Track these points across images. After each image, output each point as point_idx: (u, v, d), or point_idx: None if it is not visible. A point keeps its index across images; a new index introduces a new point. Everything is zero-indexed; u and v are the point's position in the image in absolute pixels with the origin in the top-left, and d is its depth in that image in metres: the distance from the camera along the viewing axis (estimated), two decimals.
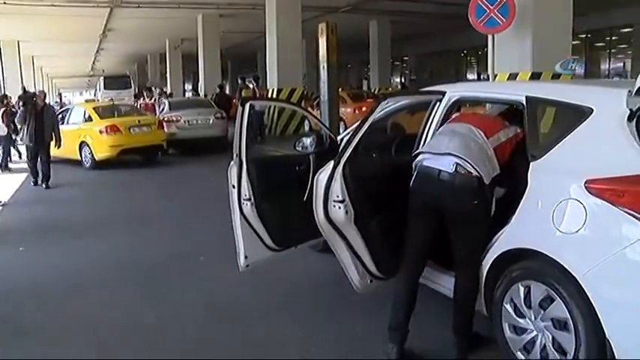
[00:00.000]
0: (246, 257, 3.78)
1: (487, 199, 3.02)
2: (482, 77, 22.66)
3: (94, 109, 12.20)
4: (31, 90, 15.47)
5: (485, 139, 3.06)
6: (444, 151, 3.04)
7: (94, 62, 35.98)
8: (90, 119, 11.77)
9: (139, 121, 11.65)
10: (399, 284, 3.24)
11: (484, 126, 3.16)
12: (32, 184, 9.64)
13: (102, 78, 31.29)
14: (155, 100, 13.88)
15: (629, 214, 2.44)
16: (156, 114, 13.13)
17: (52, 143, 9.69)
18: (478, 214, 3.03)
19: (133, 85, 28.90)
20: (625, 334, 2.47)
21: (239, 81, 18.51)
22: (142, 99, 13.60)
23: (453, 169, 2.97)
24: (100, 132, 10.97)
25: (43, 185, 9.45)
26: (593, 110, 2.79)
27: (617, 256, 2.45)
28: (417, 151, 3.32)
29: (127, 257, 5.33)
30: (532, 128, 3.09)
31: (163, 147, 12.00)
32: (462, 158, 2.95)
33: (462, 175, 2.95)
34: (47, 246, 5.84)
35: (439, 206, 3.07)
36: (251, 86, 15.36)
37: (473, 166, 2.93)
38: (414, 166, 3.20)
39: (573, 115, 2.88)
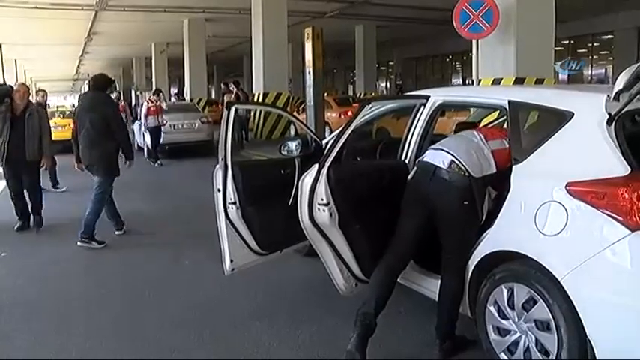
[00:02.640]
0: (231, 261, 3.77)
1: (476, 202, 3.04)
2: (467, 82, 22.85)
3: None
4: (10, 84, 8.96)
5: (484, 141, 3.14)
6: (438, 147, 3.14)
7: (78, 66, 35.71)
8: None
9: (55, 123, 12.81)
10: (379, 273, 3.18)
11: (486, 132, 3.29)
12: (16, 228, 6.29)
13: (87, 82, 30.99)
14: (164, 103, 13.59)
15: (608, 215, 2.49)
16: (160, 117, 12.74)
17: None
18: (466, 216, 3.06)
19: (118, 88, 28.72)
20: (605, 334, 2.51)
21: (222, 86, 18.41)
22: (148, 102, 13.16)
23: (448, 166, 3.02)
24: None
25: (34, 229, 6.35)
26: (573, 114, 2.83)
27: (597, 257, 2.49)
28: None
29: (112, 258, 5.32)
30: (514, 132, 3.13)
31: None
32: (452, 154, 3.02)
33: (456, 172, 3.00)
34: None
35: (430, 203, 3.10)
36: (234, 90, 15.20)
37: (462, 163, 2.99)
38: (416, 162, 3.33)
39: (554, 119, 2.92)
